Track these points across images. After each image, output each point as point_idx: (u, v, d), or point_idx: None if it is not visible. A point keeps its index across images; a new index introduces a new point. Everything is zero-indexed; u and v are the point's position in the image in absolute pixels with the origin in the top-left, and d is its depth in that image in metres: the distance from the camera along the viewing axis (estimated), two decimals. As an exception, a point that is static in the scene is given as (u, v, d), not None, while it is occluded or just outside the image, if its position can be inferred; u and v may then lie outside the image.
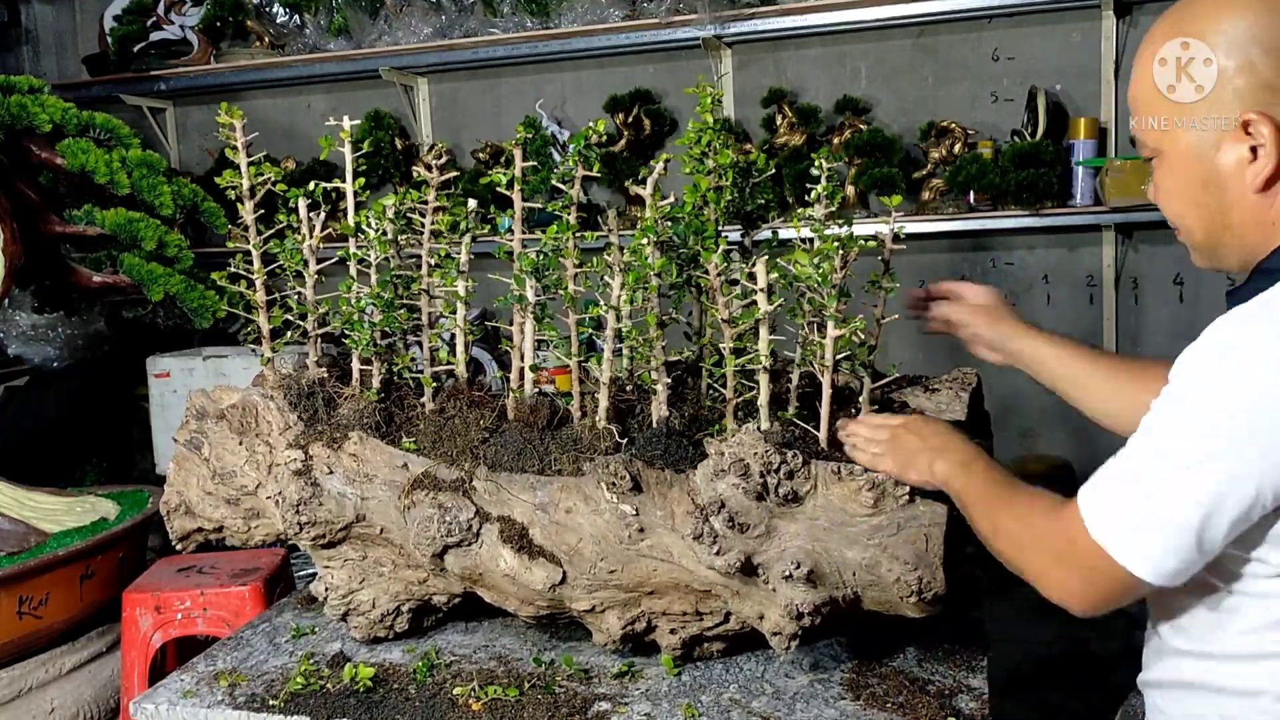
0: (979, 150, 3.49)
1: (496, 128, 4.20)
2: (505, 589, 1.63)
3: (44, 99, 2.79)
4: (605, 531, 1.55)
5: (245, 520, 1.80)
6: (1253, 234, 1.13)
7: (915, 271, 3.75)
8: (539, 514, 1.59)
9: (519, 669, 1.66)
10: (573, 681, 1.61)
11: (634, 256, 1.62)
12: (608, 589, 1.58)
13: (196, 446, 1.79)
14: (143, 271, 2.80)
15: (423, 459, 1.69)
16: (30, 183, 2.84)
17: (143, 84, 4.39)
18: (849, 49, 3.80)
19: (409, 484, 1.65)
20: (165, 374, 3.43)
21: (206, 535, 1.84)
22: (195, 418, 1.81)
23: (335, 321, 1.83)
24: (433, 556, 1.63)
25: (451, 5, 3.99)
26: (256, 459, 1.76)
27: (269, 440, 1.77)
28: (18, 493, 2.79)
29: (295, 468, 1.70)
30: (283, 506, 1.69)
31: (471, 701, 1.55)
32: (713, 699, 1.55)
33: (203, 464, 1.78)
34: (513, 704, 1.54)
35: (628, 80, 4.00)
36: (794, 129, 3.70)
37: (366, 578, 1.76)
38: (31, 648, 2.59)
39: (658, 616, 1.62)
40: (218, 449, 1.78)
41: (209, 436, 1.79)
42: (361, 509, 1.69)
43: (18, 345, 3.75)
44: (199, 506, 1.80)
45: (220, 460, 1.77)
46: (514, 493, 1.62)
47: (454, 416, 1.74)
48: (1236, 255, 1.16)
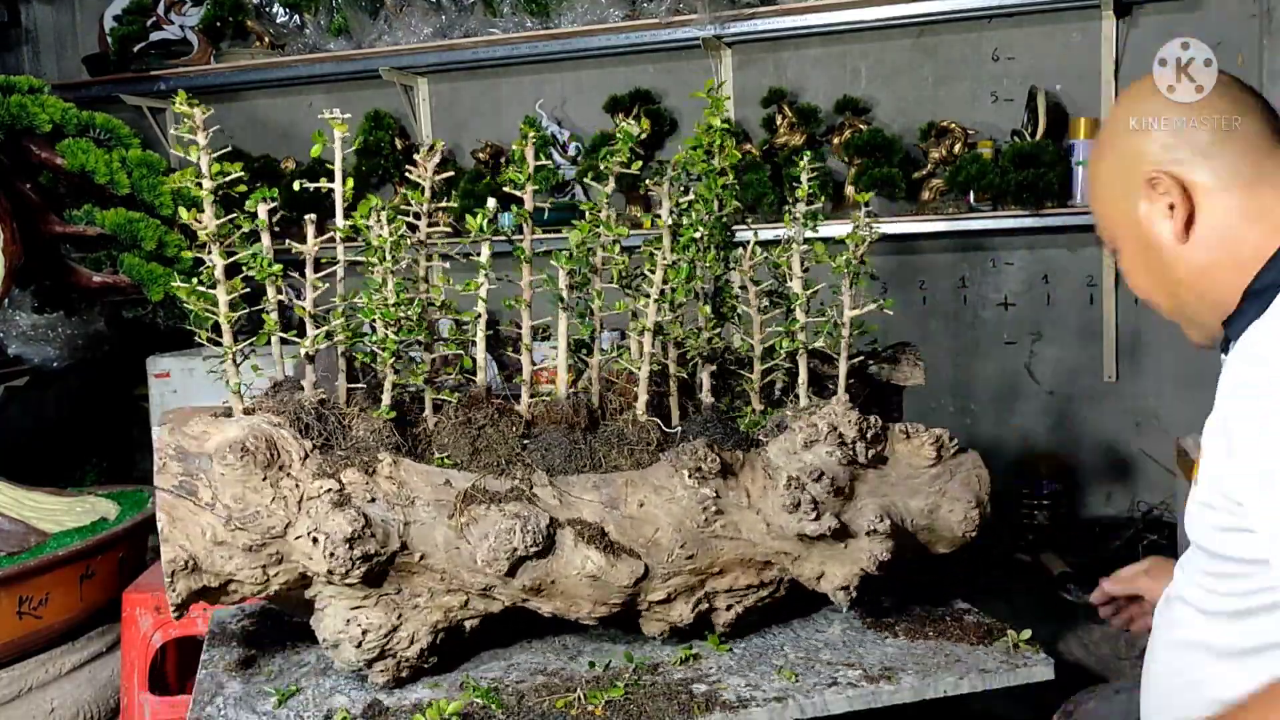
0: (979, 150, 3.49)
1: (496, 128, 4.20)
2: (578, 594, 1.59)
3: (44, 99, 2.79)
4: (682, 518, 1.60)
5: (265, 569, 1.54)
6: (1202, 281, 1.21)
7: (916, 271, 3.75)
8: (609, 512, 1.60)
9: (587, 675, 1.64)
10: (649, 674, 1.63)
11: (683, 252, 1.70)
12: (681, 575, 1.63)
13: (191, 491, 1.53)
14: (143, 271, 2.80)
15: (465, 473, 1.61)
16: (30, 183, 2.84)
17: (143, 84, 4.39)
18: (849, 49, 3.80)
19: (459, 501, 1.56)
20: (165, 374, 3.43)
21: (212, 596, 1.58)
22: (176, 459, 1.54)
23: (341, 335, 1.66)
24: (503, 573, 1.53)
25: (451, 5, 3.99)
26: (283, 495, 1.53)
27: (293, 473, 1.55)
28: (18, 493, 2.79)
29: (334, 499, 1.52)
30: (328, 544, 1.49)
31: (590, 708, 1.52)
32: (784, 660, 1.68)
33: (205, 510, 1.52)
34: (629, 700, 1.54)
35: (628, 80, 3.99)
36: (794, 129, 3.70)
37: (403, 612, 1.59)
38: (31, 648, 2.59)
39: (719, 595, 1.68)
40: (229, 490, 1.52)
41: (208, 477, 1.53)
42: (404, 535, 1.54)
43: (18, 345, 3.75)
44: (208, 561, 1.52)
45: (240, 502, 1.51)
46: (577, 494, 1.61)
47: (485, 425, 1.67)
48: (1204, 308, 1.23)
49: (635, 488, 1.62)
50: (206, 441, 1.56)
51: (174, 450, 1.56)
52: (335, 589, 1.56)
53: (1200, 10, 3.35)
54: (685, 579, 1.63)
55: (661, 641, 1.73)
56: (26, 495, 2.81)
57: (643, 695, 1.55)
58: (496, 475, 1.61)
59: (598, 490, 1.62)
